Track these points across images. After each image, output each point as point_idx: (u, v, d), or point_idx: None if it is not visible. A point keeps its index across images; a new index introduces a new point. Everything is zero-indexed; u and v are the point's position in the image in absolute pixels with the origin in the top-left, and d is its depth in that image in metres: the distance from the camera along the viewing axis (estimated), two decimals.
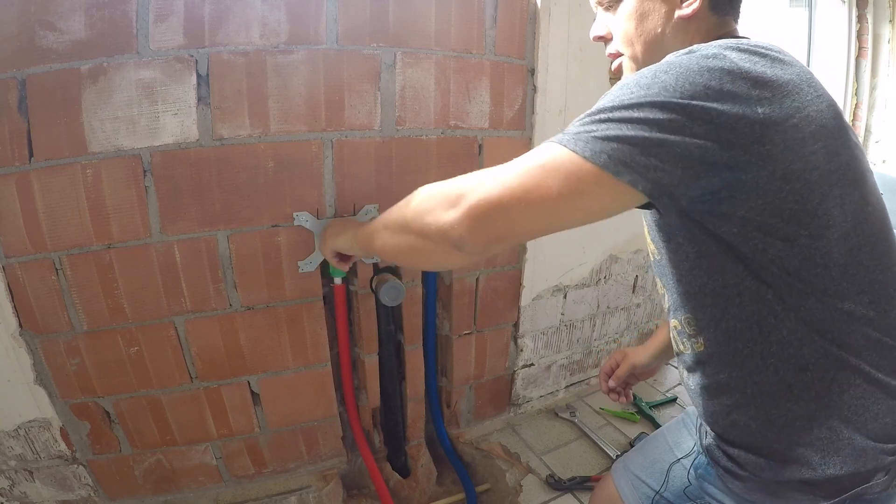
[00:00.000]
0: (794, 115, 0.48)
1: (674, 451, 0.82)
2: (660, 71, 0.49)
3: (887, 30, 2.50)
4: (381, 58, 1.02)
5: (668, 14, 0.62)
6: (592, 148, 0.47)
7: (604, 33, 0.69)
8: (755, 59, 0.49)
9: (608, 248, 1.54)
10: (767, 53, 0.51)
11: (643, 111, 0.47)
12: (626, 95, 0.49)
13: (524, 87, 1.21)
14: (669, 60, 0.51)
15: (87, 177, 0.87)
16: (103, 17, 0.81)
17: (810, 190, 0.50)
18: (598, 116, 0.49)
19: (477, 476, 1.38)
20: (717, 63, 0.48)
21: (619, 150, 0.47)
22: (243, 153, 0.96)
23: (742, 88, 0.47)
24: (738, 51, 0.50)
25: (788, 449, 0.57)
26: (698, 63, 0.48)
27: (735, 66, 0.48)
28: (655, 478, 0.83)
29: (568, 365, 1.62)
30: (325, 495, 1.20)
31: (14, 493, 1.02)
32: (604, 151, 0.47)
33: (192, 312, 1.01)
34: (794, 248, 0.51)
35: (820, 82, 0.53)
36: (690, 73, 0.47)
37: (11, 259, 0.88)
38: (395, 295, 1.07)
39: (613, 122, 0.48)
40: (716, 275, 0.56)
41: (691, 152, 0.47)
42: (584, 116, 0.51)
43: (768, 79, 0.48)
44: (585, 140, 0.48)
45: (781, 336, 0.54)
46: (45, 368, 0.96)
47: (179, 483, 1.14)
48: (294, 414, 1.19)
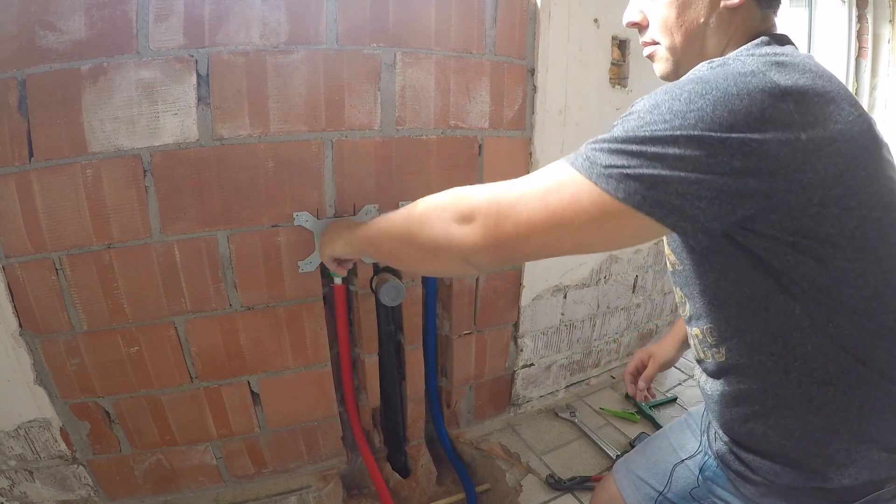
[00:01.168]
0: (837, 138, 0.46)
1: (677, 453, 0.82)
2: (695, 94, 0.45)
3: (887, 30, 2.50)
4: (381, 58, 1.02)
5: (712, 3, 0.58)
6: (626, 188, 0.45)
7: (638, 19, 0.65)
8: (796, 76, 0.46)
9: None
10: (808, 68, 0.48)
11: (678, 147, 0.44)
12: (660, 124, 0.45)
13: (524, 87, 1.21)
14: (705, 78, 0.46)
15: (87, 177, 0.87)
16: (103, 17, 0.81)
17: (848, 214, 0.48)
18: (630, 148, 0.46)
19: (477, 476, 1.38)
20: (757, 83, 0.45)
21: (654, 191, 0.45)
22: (243, 153, 0.96)
23: (784, 112, 0.44)
24: (777, 66, 0.47)
25: (805, 459, 0.57)
26: (737, 84, 0.45)
27: (776, 86, 0.45)
28: (658, 479, 0.83)
29: (568, 365, 1.62)
30: (325, 495, 1.20)
31: (14, 493, 1.02)
32: (637, 192, 0.45)
33: (192, 312, 1.01)
34: (828, 268, 0.49)
35: (854, 96, 0.51)
36: (729, 99, 0.44)
37: (11, 259, 0.88)
38: (395, 295, 1.07)
39: (647, 158, 0.45)
40: (743, 287, 0.54)
41: (728, 187, 0.44)
42: (614, 142, 0.48)
43: (811, 99, 0.46)
44: (618, 178, 0.46)
45: (806, 350, 0.53)
46: (45, 368, 0.96)
47: (179, 483, 1.14)
48: (294, 414, 1.19)
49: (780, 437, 0.58)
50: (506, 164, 1.24)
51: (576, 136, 1.32)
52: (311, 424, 1.22)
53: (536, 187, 0.50)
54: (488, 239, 0.50)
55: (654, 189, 0.45)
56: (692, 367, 1.88)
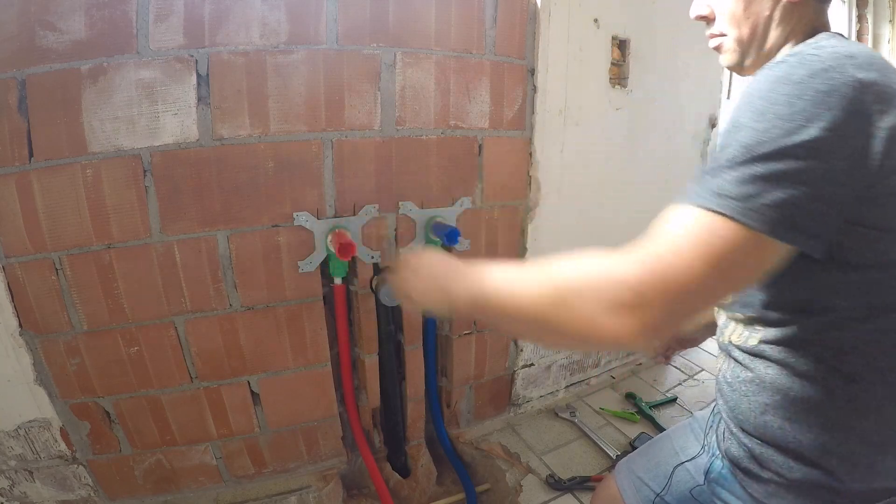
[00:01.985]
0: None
1: (678, 455, 0.82)
2: (792, 96, 0.46)
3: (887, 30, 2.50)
4: (381, 58, 1.02)
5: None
6: (768, 219, 0.44)
7: (706, 13, 0.68)
8: (870, 69, 0.48)
9: (608, 247, 1.54)
10: (875, 62, 0.50)
11: (798, 159, 0.44)
12: (773, 132, 0.45)
13: (524, 87, 1.21)
14: (792, 77, 0.47)
15: (87, 177, 0.87)
16: (103, 17, 0.81)
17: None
18: (756, 170, 0.45)
19: (477, 476, 1.38)
20: (840, 79, 0.46)
21: (792, 217, 0.45)
22: (243, 153, 0.96)
23: (867, 105, 0.46)
24: (850, 59, 0.48)
25: (819, 457, 0.56)
26: (825, 81, 0.46)
27: (857, 80, 0.46)
28: (657, 480, 0.83)
29: (568, 365, 1.62)
30: (325, 495, 1.20)
31: (14, 493, 1.02)
32: (780, 224, 0.45)
33: (192, 312, 1.01)
34: (889, 259, 0.51)
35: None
36: (822, 97, 0.45)
37: (11, 259, 0.88)
38: (395, 295, 1.07)
39: (776, 179, 0.45)
40: (807, 276, 0.54)
41: (842, 195, 0.46)
42: (736, 166, 0.46)
43: (885, 90, 0.47)
44: (761, 212, 0.45)
45: (841, 345, 0.54)
46: (45, 368, 0.96)
47: (179, 483, 1.14)
48: (294, 414, 1.19)
49: (797, 432, 0.58)
50: (506, 164, 1.24)
51: (576, 136, 1.32)
52: (311, 424, 1.22)
53: (691, 249, 0.46)
54: (654, 325, 0.46)
55: (792, 217, 0.45)
56: (692, 367, 1.88)
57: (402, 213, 1.14)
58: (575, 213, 1.41)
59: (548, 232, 1.36)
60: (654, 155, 1.54)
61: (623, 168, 1.47)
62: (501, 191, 1.26)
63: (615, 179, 1.46)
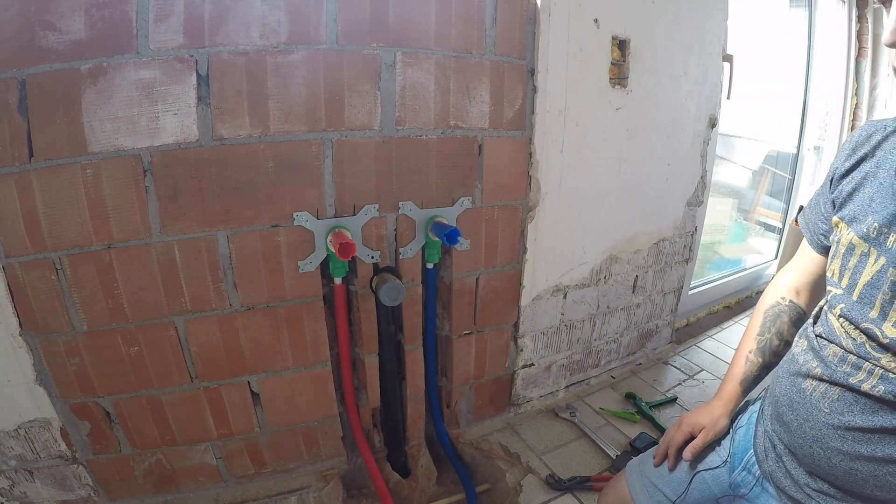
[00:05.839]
0: None
1: (694, 464, 0.81)
2: None
3: None
4: (381, 58, 1.02)
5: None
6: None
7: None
8: None
9: (608, 248, 1.54)
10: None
11: None
12: None
13: (524, 87, 1.21)
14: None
15: (87, 177, 0.87)
16: (103, 17, 0.81)
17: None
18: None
19: (477, 476, 1.38)
20: None
21: None
22: (243, 153, 0.96)
23: None
24: None
25: None
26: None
27: None
28: (672, 487, 0.82)
29: (568, 365, 1.62)
30: (325, 495, 1.20)
31: (14, 493, 1.02)
32: None
33: (192, 312, 1.01)
34: None
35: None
36: None
37: (11, 259, 0.88)
38: (395, 295, 1.07)
39: None
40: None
41: None
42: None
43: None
44: None
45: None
46: (45, 368, 0.96)
47: (179, 483, 1.14)
48: (294, 414, 1.19)
49: (884, 491, 0.56)
50: (506, 164, 1.24)
51: (576, 136, 1.32)
52: (311, 424, 1.22)
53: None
54: None
55: None
56: (692, 367, 1.88)
57: (402, 213, 1.14)
58: (575, 213, 1.41)
59: (548, 232, 1.36)
60: (654, 155, 1.54)
61: (623, 168, 1.47)
62: (501, 191, 1.26)
63: (615, 179, 1.47)
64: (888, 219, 0.57)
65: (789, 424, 0.67)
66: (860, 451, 0.58)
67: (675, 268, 1.81)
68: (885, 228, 0.57)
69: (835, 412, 0.61)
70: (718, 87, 1.68)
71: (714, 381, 1.76)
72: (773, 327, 0.83)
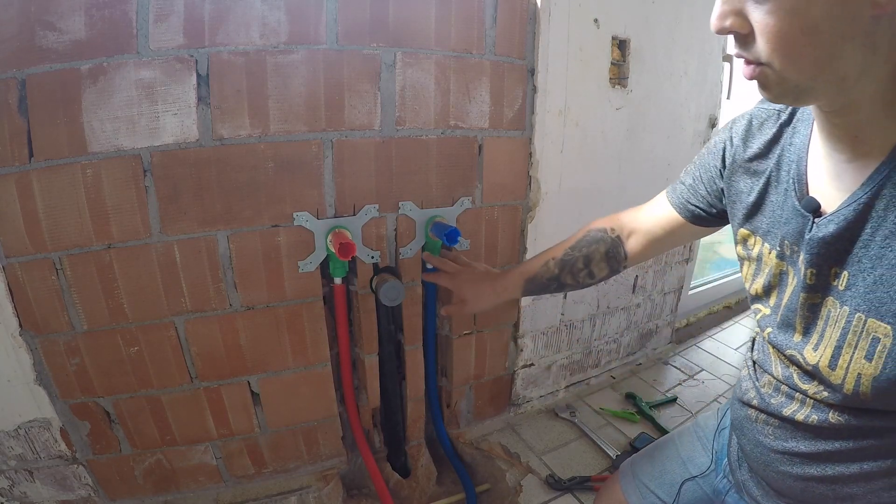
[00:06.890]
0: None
1: (686, 467, 0.81)
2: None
3: None
4: (381, 58, 1.02)
5: (854, 9, 0.39)
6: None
7: (734, 26, 0.43)
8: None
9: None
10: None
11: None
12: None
13: (524, 87, 1.21)
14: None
15: (87, 177, 0.87)
16: (103, 16, 0.81)
17: None
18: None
19: (477, 476, 1.38)
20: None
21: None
22: (243, 153, 0.96)
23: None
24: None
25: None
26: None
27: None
28: (665, 490, 0.82)
29: (568, 365, 1.62)
30: (325, 495, 1.20)
31: (14, 493, 1.02)
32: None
33: (192, 312, 1.01)
34: None
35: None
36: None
37: (11, 259, 0.88)
38: (395, 295, 1.07)
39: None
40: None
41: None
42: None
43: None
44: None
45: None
46: (45, 368, 0.96)
47: (179, 483, 1.14)
48: (294, 414, 1.19)
49: (847, 501, 0.55)
50: (506, 164, 1.24)
51: (576, 136, 1.32)
52: (310, 424, 1.22)
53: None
54: None
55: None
56: (692, 367, 1.88)
57: (402, 213, 1.14)
58: (575, 213, 1.40)
59: (548, 232, 1.36)
60: (654, 154, 1.54)
61: (623, 168, 1.47)
62: (501, 191, 1.26)
63: (615, 179, 1.47)
64: (794, 236, 0.55)
65: (744, 447, 0.67)
66: (810, 472, 0.58)
67: (675, 268, 1.81)
68: (795, 246, 0.55)
69: (779, 439, 0.60)
70: (718, 87, 1.68)
71: (714, 382, 1.76)
72: (586, 249, 0.83)
